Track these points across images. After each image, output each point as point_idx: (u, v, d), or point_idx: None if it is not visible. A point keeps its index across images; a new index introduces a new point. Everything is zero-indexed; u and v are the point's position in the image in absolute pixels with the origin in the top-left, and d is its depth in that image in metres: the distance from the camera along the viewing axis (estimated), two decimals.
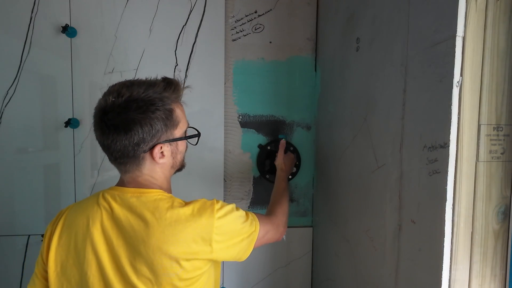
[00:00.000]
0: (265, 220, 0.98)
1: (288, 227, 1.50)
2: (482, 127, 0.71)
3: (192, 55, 1.37)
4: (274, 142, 1.43)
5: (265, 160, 1.43)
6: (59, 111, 1.32)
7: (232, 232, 0.85)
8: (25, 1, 1.27)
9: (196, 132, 0.93)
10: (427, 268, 0.76)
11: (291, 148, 1.44)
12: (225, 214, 0.84)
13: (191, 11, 1.36)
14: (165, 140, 0.83)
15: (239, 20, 1.40)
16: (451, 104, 0.69)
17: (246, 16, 1.40)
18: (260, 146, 1.44)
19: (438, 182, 0.72)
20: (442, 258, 0.71)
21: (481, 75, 0.70)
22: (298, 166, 1.46)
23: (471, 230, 0.72)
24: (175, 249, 0.78)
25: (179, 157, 0.89)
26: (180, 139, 0.87)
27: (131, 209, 0.81)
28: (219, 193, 1.43)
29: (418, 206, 0.79)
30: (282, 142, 1.32)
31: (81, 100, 1.33)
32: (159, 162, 0.84)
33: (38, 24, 1.28)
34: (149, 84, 0.82)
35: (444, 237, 0.71)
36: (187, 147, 0.93)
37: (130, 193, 0.83)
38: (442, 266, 0.71)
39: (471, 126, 0.70)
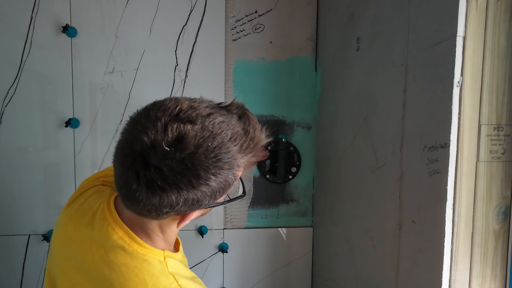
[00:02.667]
0: None
1: (288, 227, 1.51)
2: (482, 127, 0.71)
3: (192, 55, 1.37)
4: (274, 142, 1.43)
5: (265, 160, 1.43)
6: (59, 111, 1.32)
7: None
8: (25, 1, 1.27)
9: (242, 192, 0.70)
10: (427, 268, 0.76)
11: (291, 148, 1.45)
12: None
13: (191, 11, 1.36)
14: (204, 207, 0.60)
15: (240, 20, 1.40)
16: (451, 104, 0.69)
17: (247, 16, 1.40)
18: None
19: (439, 182, 0.72)
20: (443, 258, 0.71)
21: (481, 75, 0.70)
22: (298, 166, 1.46)
23: (471, 230, 0.72)
24: None
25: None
26: (222, 203, 0.63)
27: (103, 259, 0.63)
28: None
29: (418, 206, 0.79)
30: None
31: (81, 100, 1.33)
32: (181, 226, 0.65)
33: (38, 24, 1.28)
34: (225, 133, 0.55)
35: (444, 237, 0.71)
36: None
37: (121, 233, 0.63)
38: (443, 266, 0.71)
39: (472, 126, 0.70)
